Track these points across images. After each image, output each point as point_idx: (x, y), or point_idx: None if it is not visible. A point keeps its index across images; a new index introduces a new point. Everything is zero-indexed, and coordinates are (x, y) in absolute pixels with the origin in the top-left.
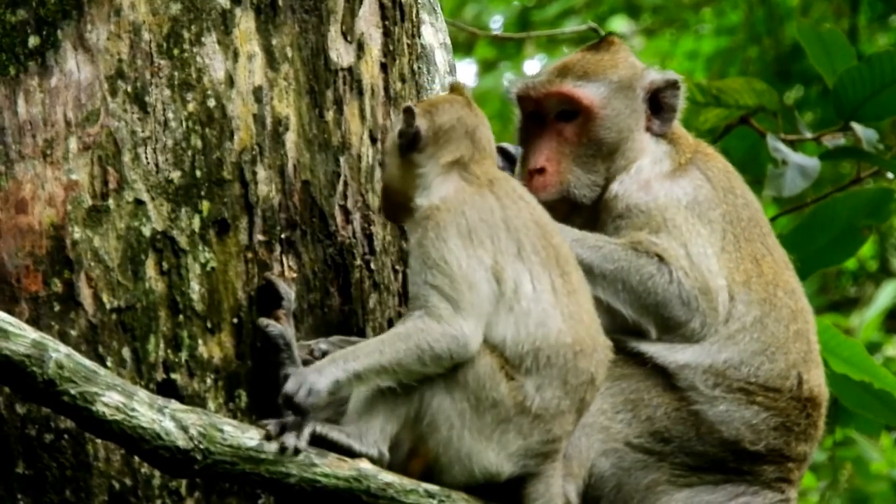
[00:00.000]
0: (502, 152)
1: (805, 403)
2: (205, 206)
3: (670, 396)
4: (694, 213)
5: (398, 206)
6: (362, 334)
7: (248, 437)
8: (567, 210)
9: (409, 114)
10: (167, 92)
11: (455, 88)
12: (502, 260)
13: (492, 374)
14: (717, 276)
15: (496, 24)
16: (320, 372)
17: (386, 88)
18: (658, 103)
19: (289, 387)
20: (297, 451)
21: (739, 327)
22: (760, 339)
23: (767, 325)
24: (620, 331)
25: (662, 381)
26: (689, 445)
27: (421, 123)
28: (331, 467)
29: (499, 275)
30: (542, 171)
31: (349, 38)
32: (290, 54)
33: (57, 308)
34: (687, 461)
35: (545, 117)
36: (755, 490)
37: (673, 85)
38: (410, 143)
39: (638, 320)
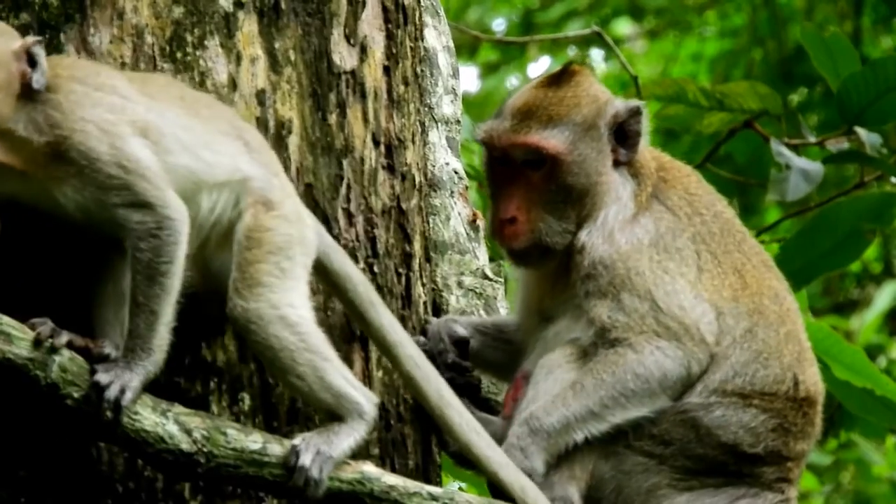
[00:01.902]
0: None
1: (801, 403)
2: None
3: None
4: (658, 249)
5: None
6: (365, 337)
7: (252, 440)
8: (538, 256)
9: None
10: None
11: None
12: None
13: None
14: (694, 307)
15: (499, 26)
16: None
17: (389, 91)
18: (623, 132)
19: None
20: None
21: (730, 341)
22: (752, 348)
23: (758, 333)
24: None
25: None
26: (689, 448)
27: None
28: (334, 470)
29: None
30: (513, 220)
31: (352, 42)
32: (293, 57)
33: None
34: (687, 464)
35: (512, 162)
36: (755, 492)
37: (636, 112)
38: None
39: (662, 407)
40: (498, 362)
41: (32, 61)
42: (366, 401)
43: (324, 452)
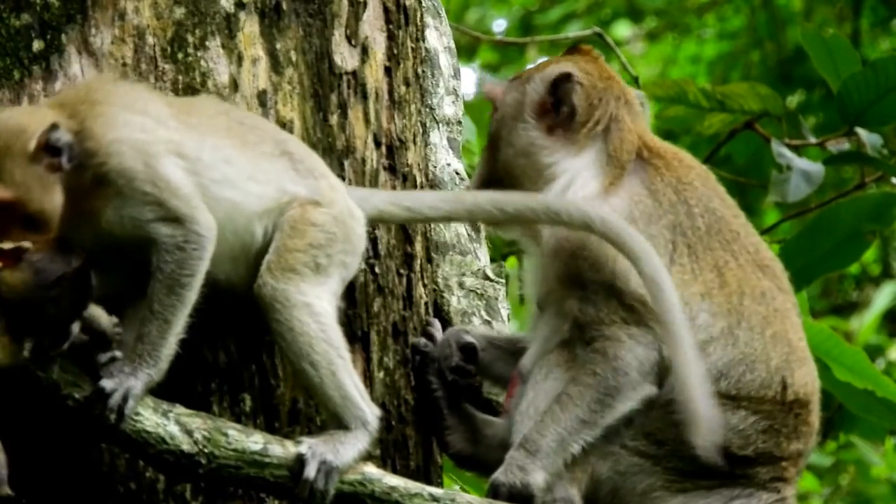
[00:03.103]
0: None
1: (791, 406)
2: None
3: (659, 399)
4: None
5: None
6: (367, 338)
7: (253, 440)
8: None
9: None
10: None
11: None
12: (179, 139)
13: None
14: None
15: (499, 27)
16: None
17: (390, 92)
18: (558, 98)
19: None
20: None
21: (707, 338)
22: (734, 349)
23: (739, 336)
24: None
25: None
26: (681, 449)
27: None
28: None
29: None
30: None
31: (353, 42)
32: (294, 58)
33: None
34: (681, 466)
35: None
36: (750, 492)
37: (566, 78)
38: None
39: (648, 395)
40: (508, 376)
41: (52, 147)
42: (370, 412)
43: (329, 462)
